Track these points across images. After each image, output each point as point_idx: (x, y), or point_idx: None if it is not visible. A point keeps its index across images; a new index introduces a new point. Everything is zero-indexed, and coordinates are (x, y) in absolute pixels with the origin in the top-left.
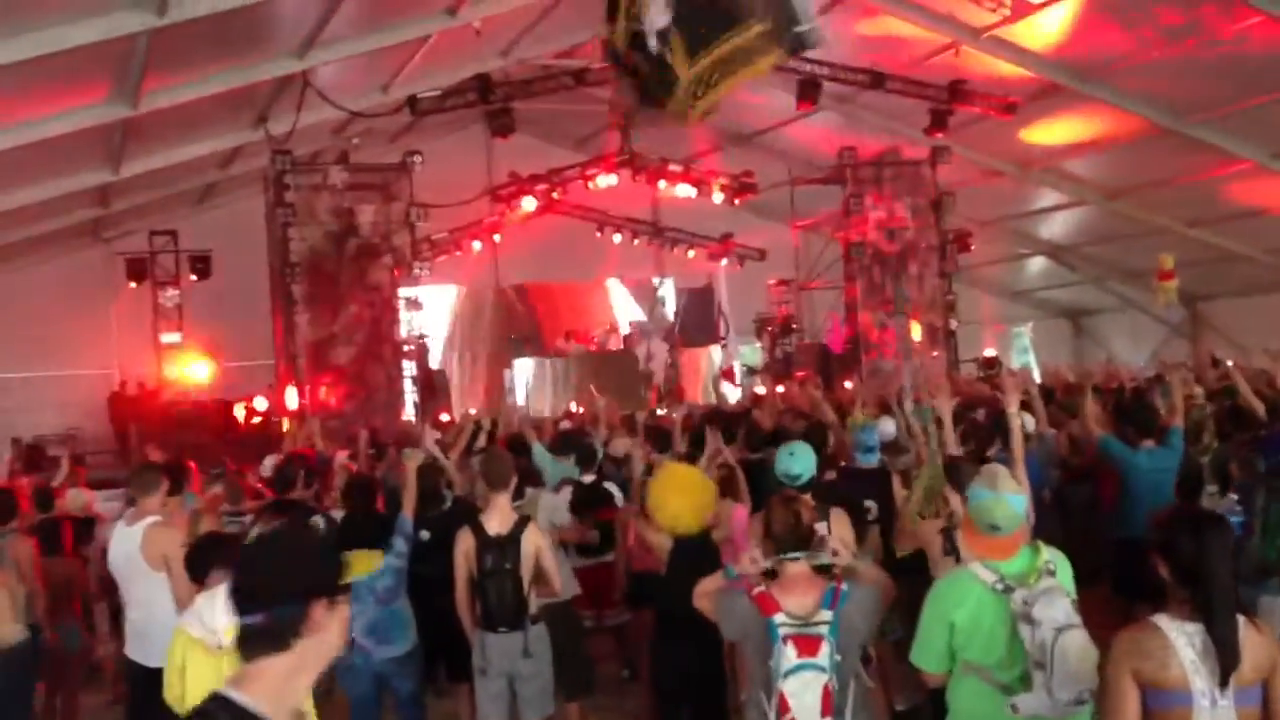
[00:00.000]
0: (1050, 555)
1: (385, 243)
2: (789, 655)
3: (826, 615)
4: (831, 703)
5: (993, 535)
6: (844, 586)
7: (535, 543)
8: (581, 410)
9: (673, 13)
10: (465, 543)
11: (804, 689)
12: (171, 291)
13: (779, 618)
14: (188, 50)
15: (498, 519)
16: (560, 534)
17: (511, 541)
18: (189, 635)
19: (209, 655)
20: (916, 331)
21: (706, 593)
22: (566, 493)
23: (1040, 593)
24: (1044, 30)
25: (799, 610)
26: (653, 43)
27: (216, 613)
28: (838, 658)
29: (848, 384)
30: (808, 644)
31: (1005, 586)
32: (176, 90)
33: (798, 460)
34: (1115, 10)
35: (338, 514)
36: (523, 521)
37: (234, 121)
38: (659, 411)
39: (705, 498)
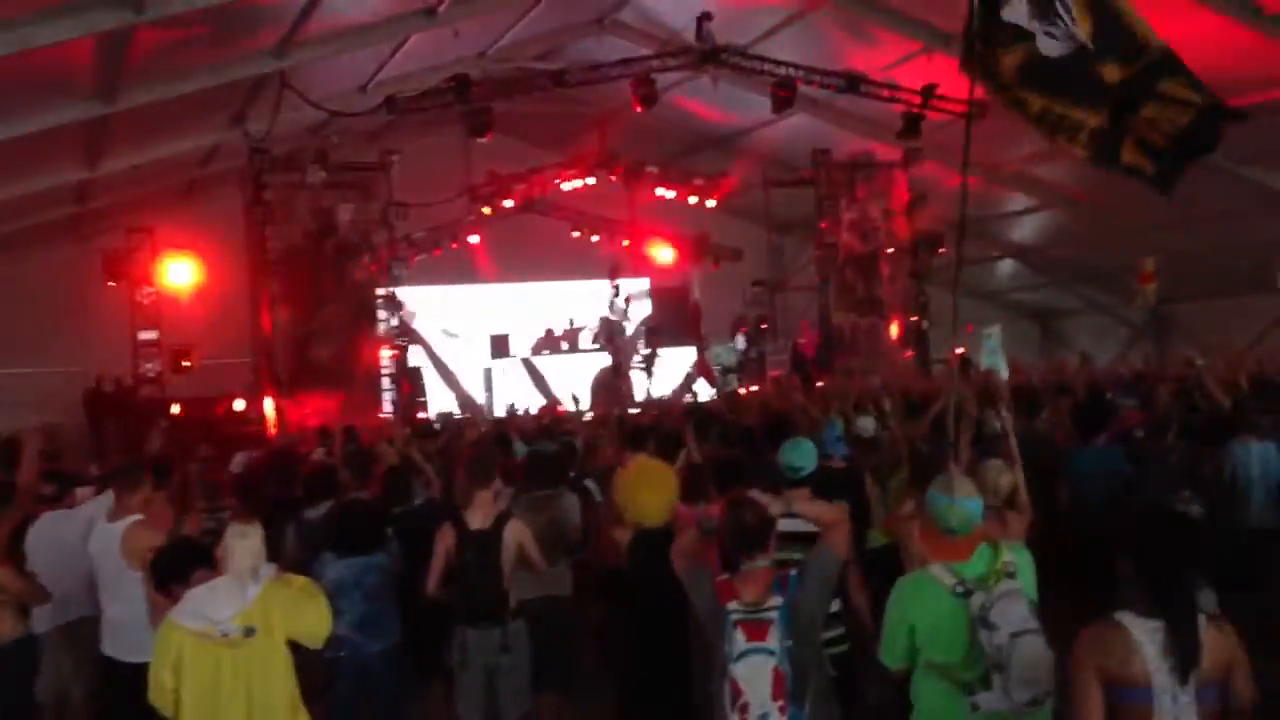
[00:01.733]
0: (1011, 556)
1: (364, 242)
2: (738, 640)
3: (776, 600)
4: (783, 686)
5: (948, 538)
6: (793, 573)
7: (517, 538)
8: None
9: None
10: (447, 538)
11: (754, 673)
12: (149, 289)
13: (732, 605)
14: (166, 48)
15: (480, 514)
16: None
17: (493, 537)
18: (184, 629)
19: (208, 648)
20: (894, 331)
21: (684, 553)
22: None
23: (998, 596)
24: None
25: (751, 598)
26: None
27: (220, 604)
28: (788, 642)
29: (820, 384)
30: (756, 629)
31: (965, 589)
32: (154, 88)
33: (800, 453)
34: None
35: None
36: (504, 516)
37: (212, 119)
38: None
39: (672, 491)
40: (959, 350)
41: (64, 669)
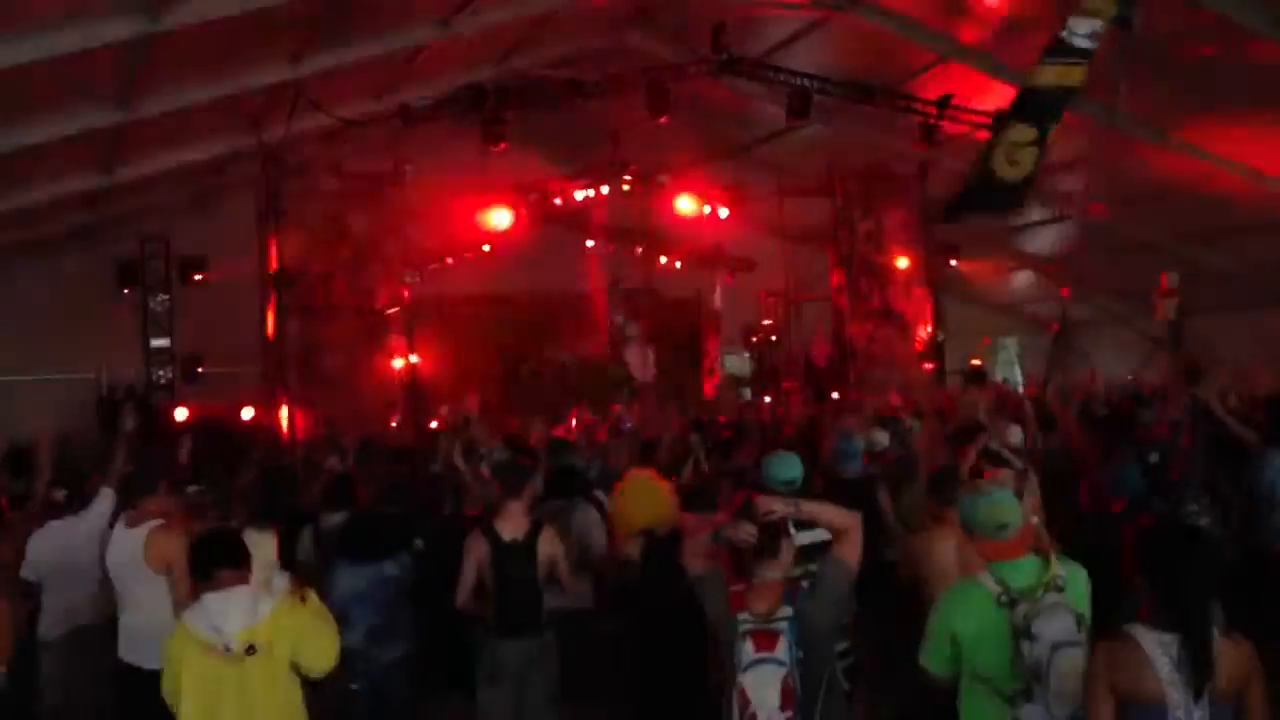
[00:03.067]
0: (1063, 570)
1: (376, 251)
2: (748, 650)
3: (786, 611)
4: (792, 697)
5: (1001, 536)
6: (805, 584)
7: (550, 549)
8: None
9: None
10: (479, 549)
11: (763, 682)
12: (162, 297)
13: (742, 615)
14: (181, 56)
15: (512, 525)
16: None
17: (527, 548)
18: (191, 632)
19: (208, 657)
20: (910, 342)
21: (696, 554)
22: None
23: (1042, 608)
24: (1033, 46)
25: (763, 608)
26: None
27: (230, 615)
28: (799, 653)
29: (834, 395)
30: (766, 639)
31: (1010, 600)
32: (170, 96)
33: (789, 466)
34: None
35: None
36: (537, 527)
37: (227, 128)
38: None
39: (666, 500)
40: (976, 362)
41: (73, 676)
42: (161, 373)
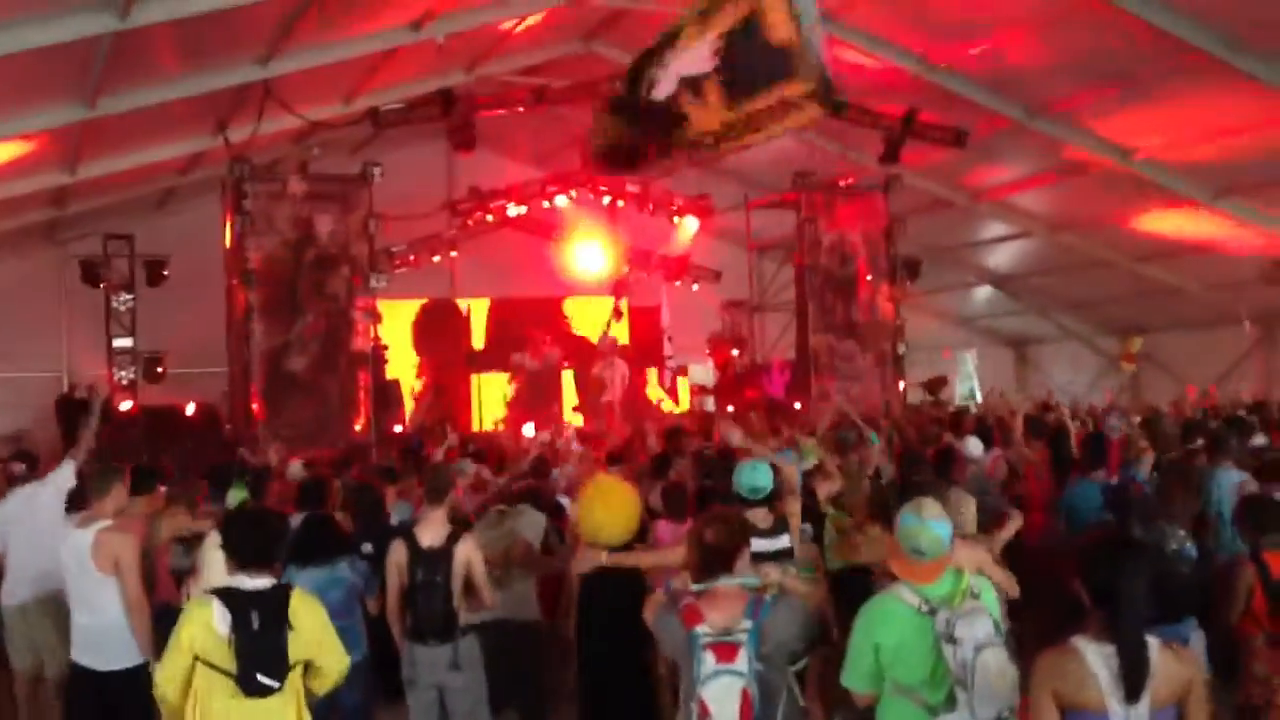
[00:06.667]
0: (974, 581)
1: (343, 253)
2: (708, 662)
3: (746, 624)
4: (751, 710)
5: (917, 559)
6: (767, 597)
7: (467, 556)
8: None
9: (716, 62)
10: (398, 554)
11: (723, 694)
12: (125, 296)
13: (701, 628)
14: (149, 54)
15: (431, 532)
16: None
17: (443, 554)
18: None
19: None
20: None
21: (654, 605)
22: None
23: (963, 613)
24: (997, 65)
25: (722, 622)
26: (667, 88)
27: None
28: (758, 666)
29: (796, 404)
30: (726, 651)
31: (930, 608)
32: (136, 94)
33: (761, 474)
34: (1067, 50)
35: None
36: (455, 535)
37: (194, 127)
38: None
39: (630, 510)
40: (939, 376)
41: (41, 640)
42: (124, 372)
